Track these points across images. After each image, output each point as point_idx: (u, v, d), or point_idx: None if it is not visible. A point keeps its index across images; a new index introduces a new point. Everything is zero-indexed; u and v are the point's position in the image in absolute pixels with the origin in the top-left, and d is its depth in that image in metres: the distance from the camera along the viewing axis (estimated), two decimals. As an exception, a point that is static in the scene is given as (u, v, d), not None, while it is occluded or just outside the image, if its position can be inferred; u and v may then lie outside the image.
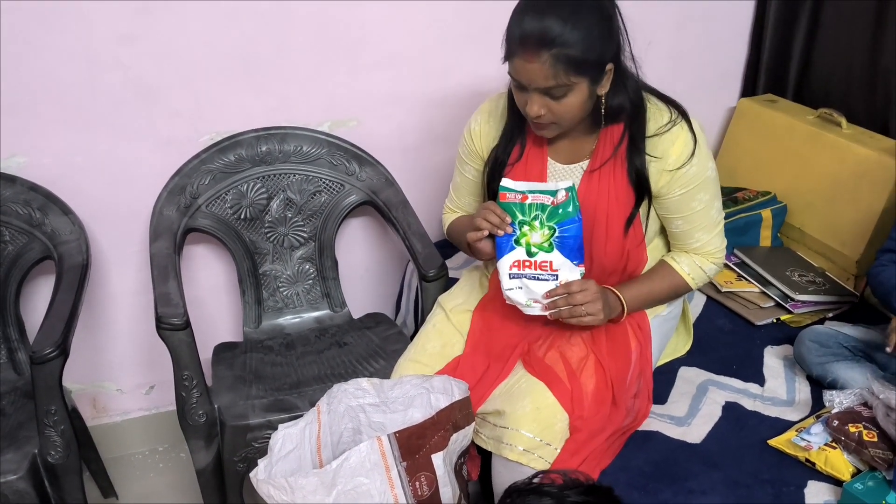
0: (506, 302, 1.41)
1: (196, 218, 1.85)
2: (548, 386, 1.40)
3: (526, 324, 1.49)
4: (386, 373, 1.61)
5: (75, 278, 1.67)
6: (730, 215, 2.02)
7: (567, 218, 1.34)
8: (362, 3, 1.86)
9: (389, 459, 1.23)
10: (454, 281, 1.71)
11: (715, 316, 1.85)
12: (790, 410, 1.54)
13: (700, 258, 1.50)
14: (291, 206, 1.93)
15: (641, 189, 1.42)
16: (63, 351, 1.49)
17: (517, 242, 1.37)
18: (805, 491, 1.34)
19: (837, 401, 1.45)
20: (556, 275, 1.36)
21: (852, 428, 1.33)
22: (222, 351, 1.85)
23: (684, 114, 1.41)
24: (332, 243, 1.97)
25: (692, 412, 1.54)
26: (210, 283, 2.05)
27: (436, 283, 1.70)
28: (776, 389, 1.60)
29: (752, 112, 2.24)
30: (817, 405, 1.53)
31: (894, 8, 1.94)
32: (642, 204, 1.43)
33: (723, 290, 1.89)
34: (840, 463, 1.33)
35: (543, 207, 1.35)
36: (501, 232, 1.36)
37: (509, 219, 1.36)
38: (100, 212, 1.86)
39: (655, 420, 1.51)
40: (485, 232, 1.38)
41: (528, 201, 1.36)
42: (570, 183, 1.35)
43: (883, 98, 2.03)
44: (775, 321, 1.81)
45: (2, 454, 1.52)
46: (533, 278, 1.37)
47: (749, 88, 2.37)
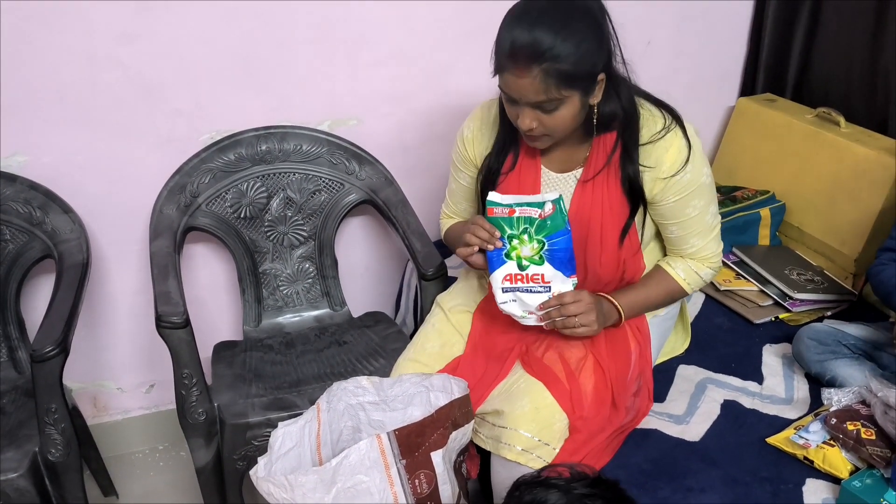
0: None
1: (196, 217, 1.85)
2: (546, 386, 1.40)
3: (525, 326, 1.49)
4: (385, 371, 1.61)
5: (75, 277, 1.67)
6: (728, 214, 2.02)
7: (556, 230, 1.32)
8: (362, 3, 1.86)
9: (389, 457, 1.23)
10: (453, 280, 1.71)
11: (714, 314, 1.85)
12: (789, 408, 1.54)
13: (696, 263, 1.49)
14: (291, 205, 1.93)
15: (636, 198, 1.40)
16: (63, 349, 1.49)
17: (508, 256, 1.35)
18: (803, 489, 1.34)
19: (836, 399, 1.44)
20: (549, 287, 1.35)
21: (850, 426, 1.33)
22: (222, 349, 1.86)
23: (678, 119, 1.39)
24: (332, 242, 1.97)
25: (691, 410, 1.54)
26: (210, 282, 2.05)
27: (435, 282, 1.70)
28: (775, 387, 1.60)
29: (751, 111, 2.24)
30: (816, 403, 1.53)
31: (894, 8, 1.94)
32: (637, 212, 1.42)
33: (721, 289, 1.89)
34: (838, 461, 1.33)
35: (531, 221, 1.32)
36: (491, 247, 1.35)
37: (498, 233, 1.34)
38: (100, 210, 1.86)
39: (654, 418, 1.51)
40: (475, 248, 1.37)
41: (516, 215, 1.33)
42: (558, 195, 1.32)
43: (882, 97, 2.03)
44: (774, 319, 1.82)
45: (2, 452, 1.52)
46: (526, 291, 1.36)
47: (748, 87, 2.37)
